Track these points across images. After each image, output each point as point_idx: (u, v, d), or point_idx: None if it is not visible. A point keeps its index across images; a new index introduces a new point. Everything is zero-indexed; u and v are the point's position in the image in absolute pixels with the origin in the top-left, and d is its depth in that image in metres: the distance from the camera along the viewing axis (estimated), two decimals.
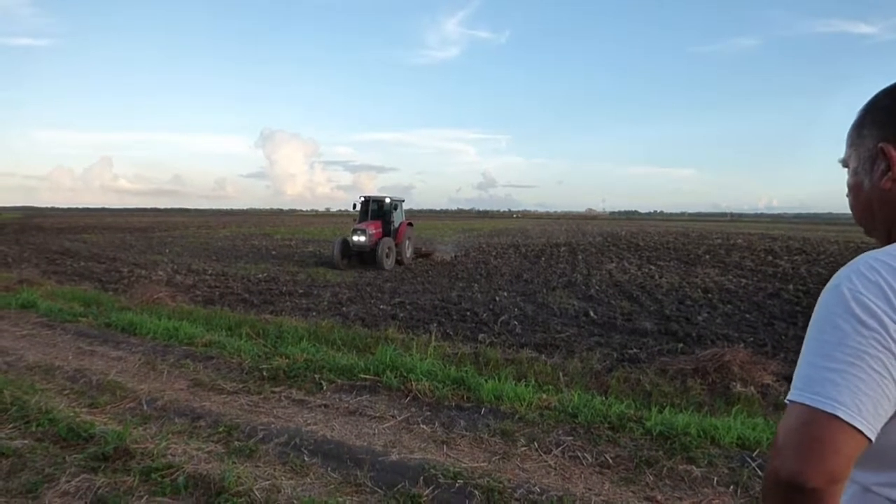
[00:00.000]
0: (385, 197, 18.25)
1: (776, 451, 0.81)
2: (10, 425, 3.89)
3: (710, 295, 12.23)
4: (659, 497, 3.12)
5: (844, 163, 1.01)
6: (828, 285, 0.85)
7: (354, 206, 18.63)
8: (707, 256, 21.49)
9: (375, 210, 18.13)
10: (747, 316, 9.98)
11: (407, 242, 18.24)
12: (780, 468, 0.79)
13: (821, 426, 0.76)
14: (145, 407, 4.43)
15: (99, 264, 17.36)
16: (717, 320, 9.59)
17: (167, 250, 23.27)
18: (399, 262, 17.55)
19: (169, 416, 4.26)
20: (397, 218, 18.27)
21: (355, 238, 16.66)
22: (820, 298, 0.85)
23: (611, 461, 3.53)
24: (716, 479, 3.32)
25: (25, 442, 3.62)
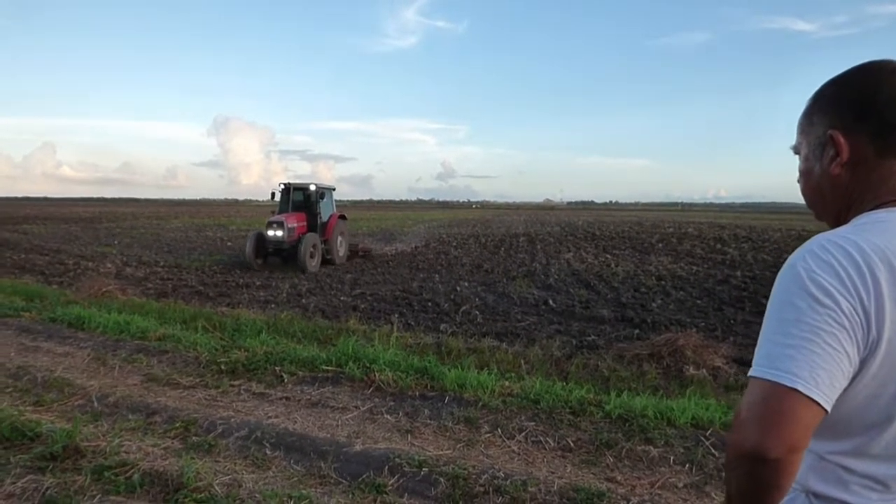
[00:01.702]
0: (310, 184, 15.32)
1: (739, 425, 0.84)
2: None
3: (663, 282, 12.62)
4: (619, 477, 3.21)
5: (796, 150, 1.05)
6: (784, 266, 0.89)
7: (273, 194, 15.58)
8: (660, 245, 22.14)
9: (299, 200, 15.36)
10: (698, 302, 10.35)
11: (339, 239, 15.66)
12: (742, 440, 0.82)
13: (781, 399, 0.80)
14: (96, 404, 4.25)
15: (41, 256, 16.54)
16: (671, 306, 9.90)
17: (116, 242, 22.38)
18: (329, 262, 15.10)
19: (121, 412, 4.11)
20: (326, 209, 15.57)
21: (271, 233, 13.93)
22: (777, 278, 0.89)
23: (572, 444, 3.61)
24: (672, 458, 3.43)
25: None
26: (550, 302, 10.10)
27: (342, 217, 16.14)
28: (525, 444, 3.64)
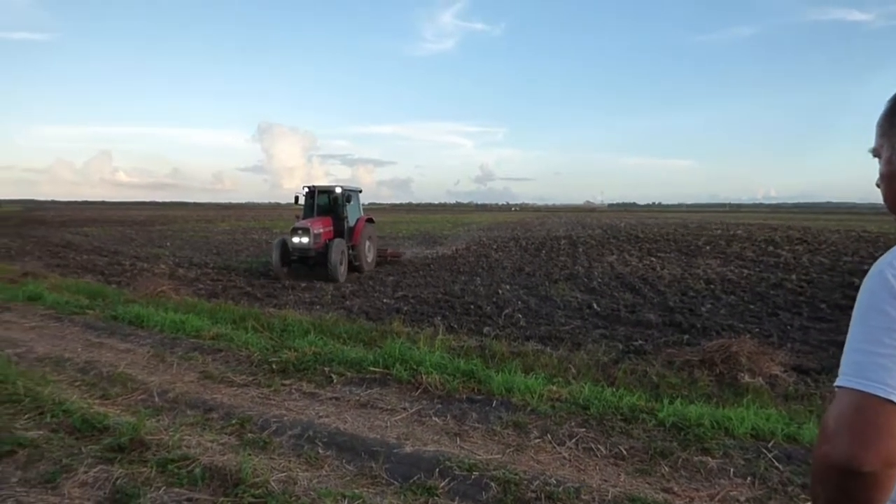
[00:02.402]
0: (335, 186, 14.44)
1: (827, 437, 0.81)
2: (26, 416, 3.92)
3: (712, 286, 12.25)
4: (675, 488, 3.12)
5: (876, 152, 1.01)
6: (870, 272, 0.85)
7: (297, 198, 14.74)
8: (707, 247, 21.48)
9: (324, 204, 14.47)
10: (751, 306, 9.99)
11: (367, 244, 14.70)
12: (831, 453, 0.79)
13: (875, 411, 0.77)
14: (157, 399, 4.44)
15: (101, 257, 17.38)
16: (721, 311, 9.60)
17: (168, 243, 23.28)
18: (356, 269, 14.11)
19: (181, 407, 4.27)
20: (353, 213, 14.54)
21: (296, 239, 12.92)
22: (863, 285, 0.85)
23: (625, 453, 3.54)
24: (732, 470, 3.32)
25: (41, 433, 3.65)
26: (594, 305, 9.94)
27: (370, 220, 15.18)
28: (576, 450, 3.59)
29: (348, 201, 14.34)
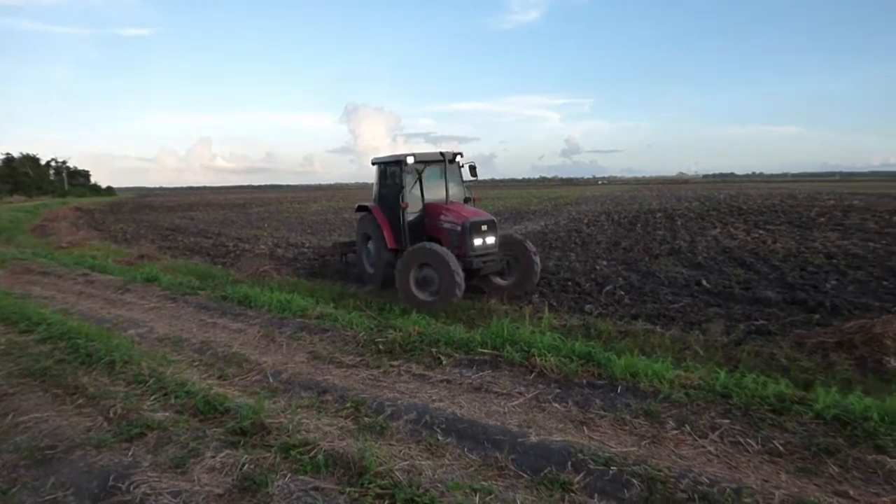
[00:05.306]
0: (456, 153, 9.60)
1: None
2: (152, 397, 4.02)
3: (835, 260, 11.06)
4: (851, 492, 2.69)
5: None
6: None
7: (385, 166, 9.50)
8: (822, 219, 19.58)
9: (432, 179, 9.38)
10: (885, 283, 8.90)
11: None
12: None
13: None
14: (271, 380, 4.47)
15: (206, 239, 18.40)
16: (850, 288, 8.61)
17: (265, 225, 24.33)
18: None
19: (295, 389, 4.27)
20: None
21: (478, 241, 8.12)
22: None
23: (781, 448, 3.12)
24: None
25: (167, 414, 3.72)
26: (704, 282, 9.22)
27: None
28: (722, 444, 3.22)
29: (474, 175, 9.86)
